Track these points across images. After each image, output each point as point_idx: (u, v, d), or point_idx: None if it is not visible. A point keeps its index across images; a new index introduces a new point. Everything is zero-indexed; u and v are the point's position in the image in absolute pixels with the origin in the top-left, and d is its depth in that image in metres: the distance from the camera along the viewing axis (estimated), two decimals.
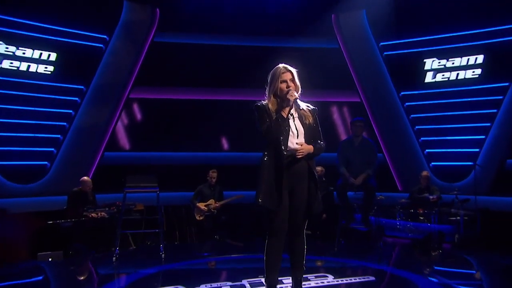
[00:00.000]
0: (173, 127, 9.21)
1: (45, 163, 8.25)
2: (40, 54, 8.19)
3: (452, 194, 7.31)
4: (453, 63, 8.79)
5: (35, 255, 6.17)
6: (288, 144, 3.50)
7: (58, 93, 8.33)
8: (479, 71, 8.55)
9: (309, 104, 3.69)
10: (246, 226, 8.17)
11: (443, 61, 8.87)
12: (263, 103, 3.59)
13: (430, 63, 9.00)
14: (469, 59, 8.64)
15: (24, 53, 8.04)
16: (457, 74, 8.75)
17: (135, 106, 9.27)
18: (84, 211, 6.76)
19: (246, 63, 8.98)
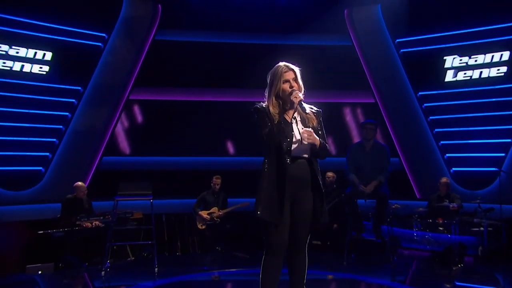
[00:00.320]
0: (176, 130, 9.15)
1: (39, 168, 8.18)
2: (34, 53, 8.10)
3: (474, 202, 7.15)
4: (476, 61, 8.61)
5: (24, 267, 6.05)
6: (291, 151, 3.33)
7: (53, 94, 8.25)
8: (504, 69, 8.34)
9: (313, 106, 3.51)
10: (252, 236, 8.04)
11: (465, 59, 8.70)
12: (263, 105, 3.43)
13: (450, 61, 8.83)
14: (493, 56, 8.43)
15: (17, 52, 7.96)
16: (480, 72, 8.56)
17: (135, 108, 9.21)
18: (77, 220, 6.64)
19: (253, 62, 8.80)
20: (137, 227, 7.09)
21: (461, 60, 8.72)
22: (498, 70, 8.40)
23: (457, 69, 8.76)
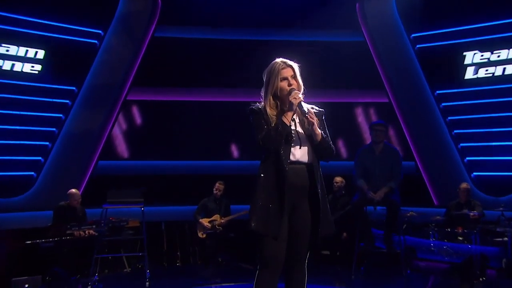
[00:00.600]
0: (176, 132, 9.17)
1: (31, 173, 8.14)
2: (26, 51, 8.06)
3: (497, 210, 6.97)
4: (498, 56, 8.46)
5: (10, 280, 5.87)
6: (290, 156, 3.23)
7: (46, 95, 8.21)
8: None
9: (314, 106, 3.38)
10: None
11: (486, 54, 8.56)
12: (259, 106, 3.34)
13: (471, 57, 8.70)
14: None
15: (7, 50, 7.92)
16: (504, 68, 8.40)
17: (133, 109, 9.22)
18: (67, 229, 6.49)
19: (258, 60, 8.67)
20: (132, 237, 6.96)
21: (482, 55, 8.59)
22: None
23: (478, 66, 8.64)
